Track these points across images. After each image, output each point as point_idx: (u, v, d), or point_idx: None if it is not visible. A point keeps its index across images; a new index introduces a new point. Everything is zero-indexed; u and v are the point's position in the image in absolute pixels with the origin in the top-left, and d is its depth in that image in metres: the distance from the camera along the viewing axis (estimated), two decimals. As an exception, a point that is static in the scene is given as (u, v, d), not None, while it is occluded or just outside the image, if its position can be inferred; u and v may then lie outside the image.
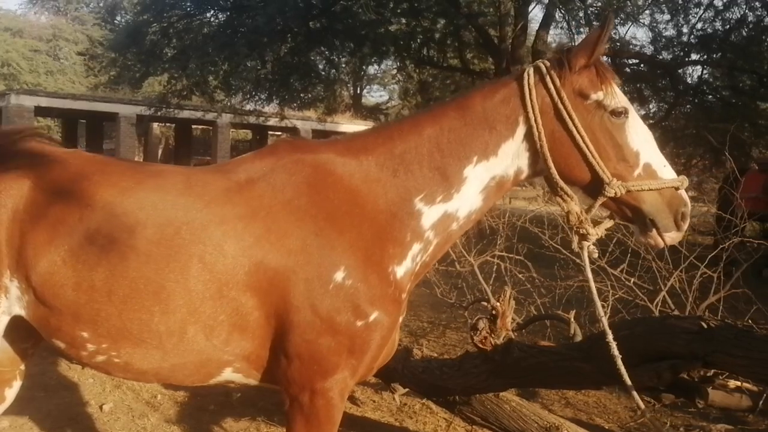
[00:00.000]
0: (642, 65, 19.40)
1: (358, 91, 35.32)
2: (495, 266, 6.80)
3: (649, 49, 19.20)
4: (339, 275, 2.53)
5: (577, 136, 2.58)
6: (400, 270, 2.65)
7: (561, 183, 2.65)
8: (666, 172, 2.61)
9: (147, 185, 2.73)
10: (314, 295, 2.52)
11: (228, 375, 2.70)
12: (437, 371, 4.23)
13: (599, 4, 17.96)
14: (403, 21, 18.63)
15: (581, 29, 18.57)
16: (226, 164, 2.96)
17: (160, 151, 41.92)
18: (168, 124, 39.17)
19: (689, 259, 5.99)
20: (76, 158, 2.88)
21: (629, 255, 6.16)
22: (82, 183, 2.71)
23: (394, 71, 29.05)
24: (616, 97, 2.62)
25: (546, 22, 16.93)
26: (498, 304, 3.57)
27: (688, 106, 20.56)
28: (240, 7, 18.92)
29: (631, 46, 19.42)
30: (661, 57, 18.81)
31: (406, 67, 22.91)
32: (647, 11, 18.78)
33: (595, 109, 2.60)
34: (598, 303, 2.81)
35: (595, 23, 18.14)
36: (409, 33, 19.00)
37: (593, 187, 2.63)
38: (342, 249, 2.57)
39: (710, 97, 19.40)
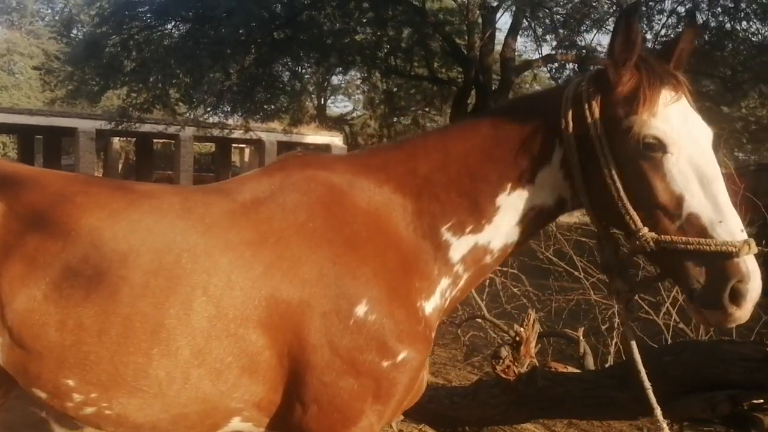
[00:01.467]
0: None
1: (322, 102, 35.02)
2: (488, 280, 6.57)
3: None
4: (361, 309, 2.25)
5: (605, 170, 2.20)
6: (429, 306, 2.40)
7: (596, 223, 2.33)
8: (720, 229, 2.06)
9: (139, 207, 2.41)
10: (333, 331, 2.24)
11: (236, 425, 2.38)
12: (446, 400, 3.93)
13: (565, 12, 18.04)
14: (369, 31, 18.43)
15: (547, 36, 18.68)
16: (227, 183, 2.65)
17: (120, 166, 41.04)
18: (128, 139, 38.33)
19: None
20: (55, 178, 2.54)
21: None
22: (64, 206, 2.39)
23: (359, 81, 28.83)
24: (650, 123, 2.14)
25: (514, 30, 16.88)
26: (522, 329, 3.30)
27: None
28: (202, 18, 18.51)
29: (596, 53, 19.50)
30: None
31: (372, 76, 22.72)
32: (612, 18, 18.90)
33: (629, 136, 2.17)
34: (635, 349, 2.43)
35: (560, 30, 18.23)
36: (375, 42, 18.81)
37: (627, 236, 2.24)
38: (364, 279, 2.29)
39: (675, 102, 19.56)
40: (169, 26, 19.44)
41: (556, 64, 19.05)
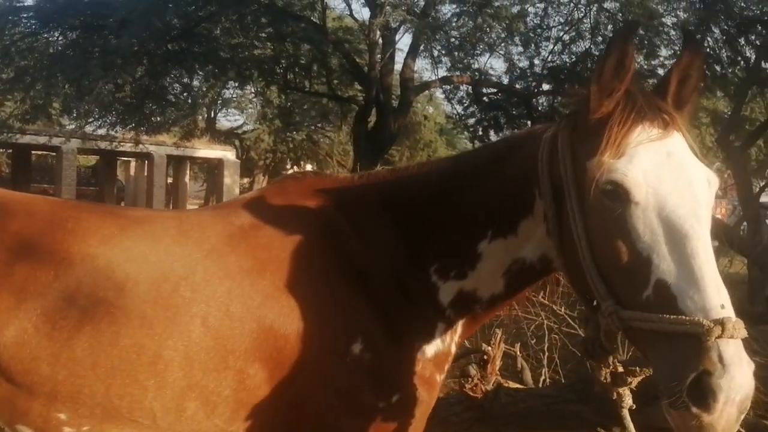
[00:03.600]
0: (499, 93, 20.27)
1: (212, 115, 34.27)
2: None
3: (505, 79, 20.16)
4: (356, 347, 2.23)
5: (572, 225, 1.92)
6: (430, 348, 2.34)
7: (575, 292, 2.07)
8: (691, 302, 1.66)
9: (134, 232, 2.35)
10: (330, 368, 2.22)
11: None
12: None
13: (459, 35, 18.65)
14: (269, 45, 18.29)
15: (442, 59, 19.24)
16: (223, 206, 2.63)
17: (-10, 179, 38.33)
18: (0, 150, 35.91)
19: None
20: (44, 204, 2.45)
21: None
22: (55, 233, 2.30)
23: (252, 96, 28.50)
24: (611, 165, 1.81)
25: (413, 51, 17.27)
26: (489, 348, 3.43)
27: (540, 133, 21.75)
28: (91, 27, 17.72)
29: (488, 76, 20.28)
30: (517, 86, 19.79)
31: (266, 91, 22.52)
32: (503, 43, 19.74)
33: (589, 181, 1.87)
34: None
35: (456, 53, 18.85)
36: (273, 57, 18.68)
37: (596, 310, 1.92)
38: (360, 316, 2.27)
39: (561, 124, 20.58)
40: (56, 34, 18.48)
41: (451, 86, 19.70)
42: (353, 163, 15.68)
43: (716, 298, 1.68)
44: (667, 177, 1.82)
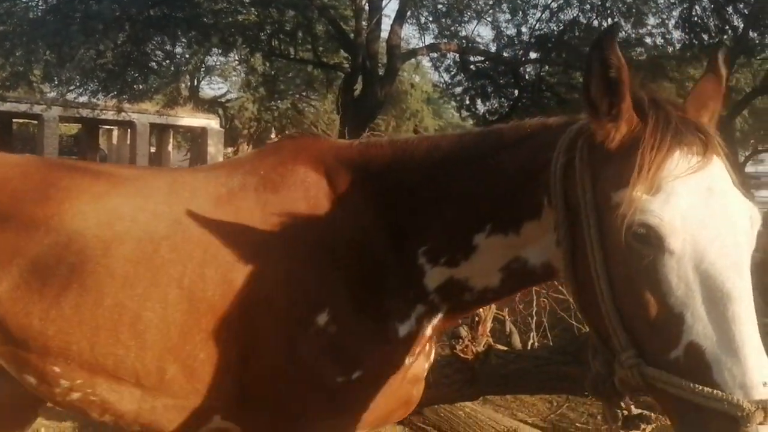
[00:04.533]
0: (487, 62, 20.15)
1: (196, 83, 33.87)
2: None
3: (493, 47, 20.03)
4: (322, 318, 2.11)
5: (590, 259, 1.64)
6: (403, 328, 2.16)
7: (585, 322, 1.83)
8: (729, 376, 1.42)
9: (125, 190, 2.33)
10: (293, 336, 2.13)
11: (219, 423, 2.33)
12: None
13: (446, 2, 18.46)
14: (253, 11, 18.03)
15: (429, 25, 19.05)
16: (221, 165, 2.59)
17: (-31, 148, 37.77)
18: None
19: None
20: (38, 164, 2.47)
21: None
22: (48, 191, 2.29)
23: (236, 63, 28.15)
24: (644, 204, 1.53)
25: (400, 17, 17.04)
26: (480, 309, 3.40)
27: (527, 101, 21.72)
28: (71, -10, 17.39)
29: (476, 44, 20.14)
30: (505, 55, 19.68)
31: (251, 58, 22.24)
32: (490, 10, 19.56)
33: (616, 219, 1.57)
34: None
35: (443, 20, 18.68)
36: (258, 24, 18.42)
37: (612, 355, 1.65)
38: (330, 287, 2.16)
39: (547, 93, 20.55)
40: (35, -3, 18.11)
41: (438, 54, 19.55)
42: (339, 132, 15.52)
43: (759, 373, 1.41)
44: (709, 221, 1.53)
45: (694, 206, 1.54)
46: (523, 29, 19.72)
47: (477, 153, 2.11)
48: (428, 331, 2.23)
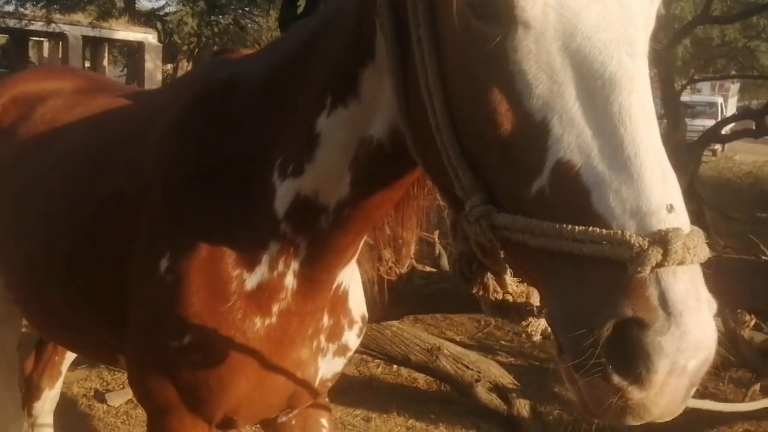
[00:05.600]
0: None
1: (132, -6, 32.26)
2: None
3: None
4: (163, 263, 1.77)
5: (420, 71, 1.22)
6: (252, 279, 1.74)
7: (430, 179, 1.43)
8: (619, 199, 0.99)
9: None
10: (141, 283, 1.85)
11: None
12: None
13: None
14: None
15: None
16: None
17: None
18: None
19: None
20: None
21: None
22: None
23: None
24: None
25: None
26: (404, 232, 3.41)
27: None
28: None
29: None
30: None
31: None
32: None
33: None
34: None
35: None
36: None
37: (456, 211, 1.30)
38: (178, 227, 1.79)
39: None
40: None
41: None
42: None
43: (660, 192, 0.99)
44: None
45: None
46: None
47: (316, 25, 1.70)
48: (289, 280, 1.76)
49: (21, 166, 2.38)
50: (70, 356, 3.23)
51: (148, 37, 30.25)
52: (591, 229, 0.98)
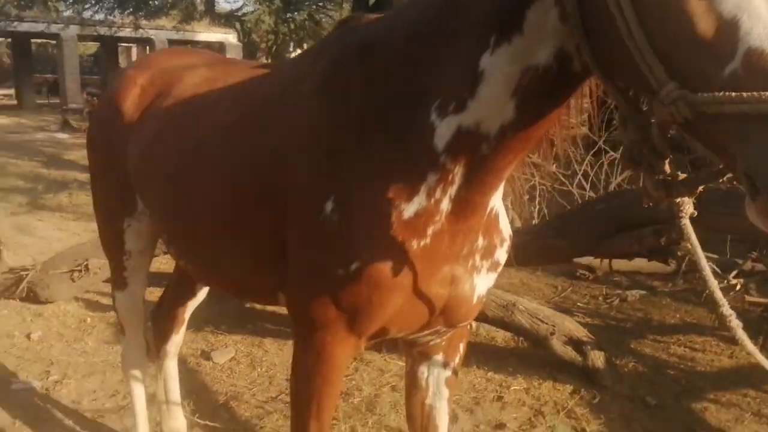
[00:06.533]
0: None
1: (211, -3, 33.32)
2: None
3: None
4: (329, 205, 1.97)
5: None
6: (410, 208, 1.90)
7: (606, 86, 1.55)
8: None
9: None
10: (305, 226, 2.06)
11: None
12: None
13: None
14: None
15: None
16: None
17: (-8, 71, 38.01)
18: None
19: (597, 145, 6.43)
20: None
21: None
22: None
23: (250, -26, 27.67)
24: None
25: None
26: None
27: None
28: None
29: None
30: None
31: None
32: None
33: None
34: (707, 269, 1.53)
35: None
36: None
37: (648, 100, 1.45)
38: (339, 174, 1.99)
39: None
40: None
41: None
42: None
43: None
44: None
45: None
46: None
47: None
48: (445, 204, 1.90)
49: (175, 138, 2.64)
50: (191, 306, 3.66)
51: (228, 37, 31.33)
52: None
